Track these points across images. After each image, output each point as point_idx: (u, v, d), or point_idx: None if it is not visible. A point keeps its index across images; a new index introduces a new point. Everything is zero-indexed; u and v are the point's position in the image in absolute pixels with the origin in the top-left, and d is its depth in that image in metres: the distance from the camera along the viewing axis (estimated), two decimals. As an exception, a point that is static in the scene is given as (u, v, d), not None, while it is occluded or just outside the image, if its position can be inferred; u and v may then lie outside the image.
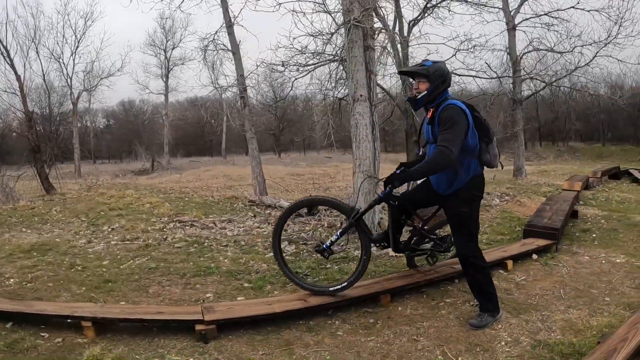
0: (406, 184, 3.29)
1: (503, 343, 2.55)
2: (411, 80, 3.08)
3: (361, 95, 4.45)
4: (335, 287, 3.04)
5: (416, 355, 2.46)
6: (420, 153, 3.17)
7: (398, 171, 2.89)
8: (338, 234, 3.04)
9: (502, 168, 3.10)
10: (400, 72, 3.24)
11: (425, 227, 3.28)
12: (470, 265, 2.81)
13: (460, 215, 2.79)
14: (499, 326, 2.75)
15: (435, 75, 2.70)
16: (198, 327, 2.57)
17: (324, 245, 3.04)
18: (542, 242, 4.33)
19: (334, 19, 5.04)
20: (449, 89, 2.85)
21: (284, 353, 2.48)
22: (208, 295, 3.32)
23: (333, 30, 4.95)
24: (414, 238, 3.30)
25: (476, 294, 2.89)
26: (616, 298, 3.15)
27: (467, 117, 2.64)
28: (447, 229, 3.46)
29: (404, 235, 3.31)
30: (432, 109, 2.75)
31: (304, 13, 4.97)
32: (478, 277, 2.81)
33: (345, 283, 3.03)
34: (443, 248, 3.37)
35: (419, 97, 2.75)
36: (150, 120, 38.56)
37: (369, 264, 3.14)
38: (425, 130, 2.93)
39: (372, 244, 3.19)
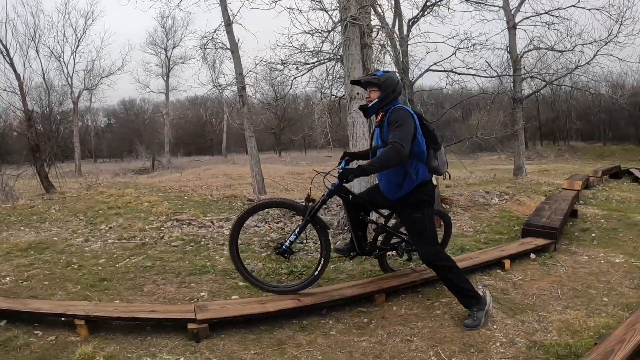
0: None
1: (498, 344, 2.52)
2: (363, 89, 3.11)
3: (358, 93, 4.42)
4: (298, 286, 3.07)
5: (409, 356, 2.43)
6: (370, 157, 3.18)
7: (342, 164, 2.97)
8: (296, 233, 3.02)
9: (450, 178, 3.14)
10: (353, 82, 3.26)
11: (389, 224, 3.25)
12: (438, 267, 2.82)
13: (416, 222, 2.81)
14: (494, 327, 2.72)
15: (386, 84, 2.80)
16: (190, 326, 2.56)
17: (284, 247, 3.02)
18: (540, 242, 4.31)
19: (330, 17, 5.01)
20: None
21: (275, 352, 2.46)
22: (202, 294, 3.30)
23: (330, 28, 4.92)
24: (379, 236, 3.28)
25: (455, 294, 2.88)
26: (614, 298, 3.13)
27: (414, 120, 2.71)
28: None
29: (371, 238, 3.29)
30: (381, 113, 2.83)
31: (300, 10, 4.93)
32: (450, 277, 2.82)
33: (307, 281, 3.07)
34: (414, 247, 3.34)
35: (370, 105, 2.85)
36: (151, 119, 38.65)
37: (329, 260, 3.14)
38: (375, 135, 2.97)
39: (341, 255, 3.22)
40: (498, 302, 3.07)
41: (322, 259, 3.06)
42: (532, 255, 4.10)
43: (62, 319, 2.70)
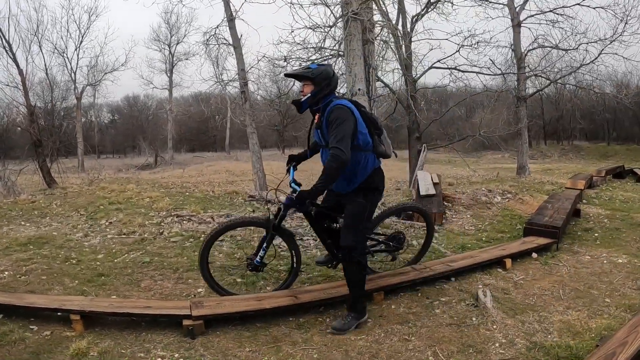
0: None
1: (497, 345, 2.48)
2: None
3: (359, 89, 4.38)
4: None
5: (406, 356, 2.40)
6: (309, 155, 3.21)
7: (292, 173, 2.99)
8: (264, 248, 3.01)
9: (397, 157, 3.11)
10: (287, 75, 3.21)
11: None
12: (350, 258, 2.74)
13: (356, 205, 2.76)
14: (494, 327, 2.68)
15: (320, 78, 2.72)
16: (185, 322, 2.54)
17: (256, 262, 3.02)
18: (542, 241, 4.25)
19: (332, 12, 4.96)
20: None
21: (271, 350, 2.43)
22: (199, 290, 3.28)
23: (331, 24, 4.87)
24: None
25: (351, 291, 2.80)
26: (617, 299, 3.08)
27: (353, 113, 2.66)
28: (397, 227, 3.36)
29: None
30: (318, 114, 2.76)
31: (301, 5, 4.88)
32: (355, 271, 2.75)
33: (286, 283, 3.12)
34: (393, 247, 3.32)
35: (302, 99, 2.77)
36: (155, 116, 38.70)
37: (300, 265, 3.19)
38: (315, 134, 2.94)
39: (323, 266, 3.25)
40: (498, 301, 3.03)
41: (294, 264, 3.11)
42: (534, 255, 4.06)
43: (58, 313, 2.70)
